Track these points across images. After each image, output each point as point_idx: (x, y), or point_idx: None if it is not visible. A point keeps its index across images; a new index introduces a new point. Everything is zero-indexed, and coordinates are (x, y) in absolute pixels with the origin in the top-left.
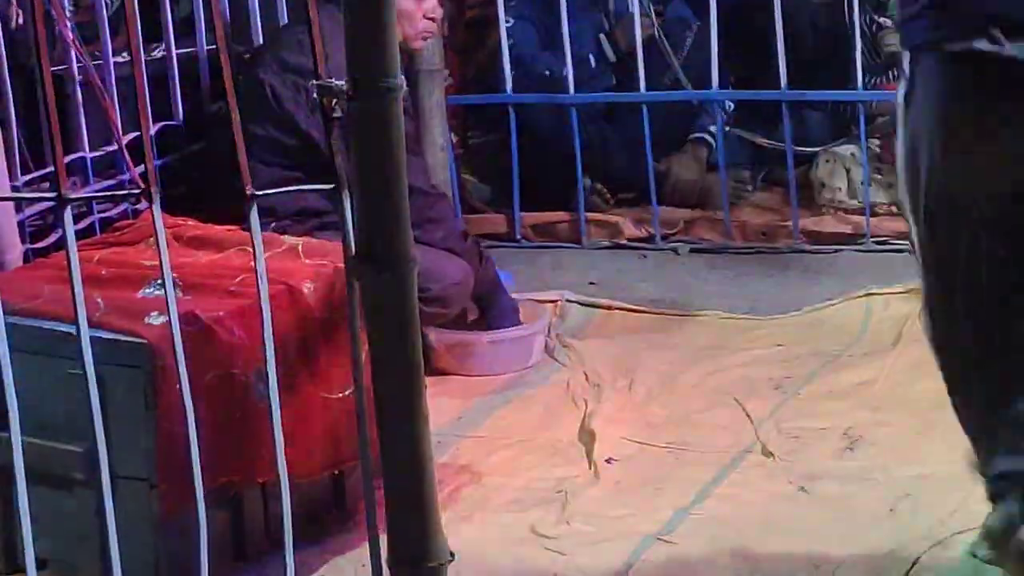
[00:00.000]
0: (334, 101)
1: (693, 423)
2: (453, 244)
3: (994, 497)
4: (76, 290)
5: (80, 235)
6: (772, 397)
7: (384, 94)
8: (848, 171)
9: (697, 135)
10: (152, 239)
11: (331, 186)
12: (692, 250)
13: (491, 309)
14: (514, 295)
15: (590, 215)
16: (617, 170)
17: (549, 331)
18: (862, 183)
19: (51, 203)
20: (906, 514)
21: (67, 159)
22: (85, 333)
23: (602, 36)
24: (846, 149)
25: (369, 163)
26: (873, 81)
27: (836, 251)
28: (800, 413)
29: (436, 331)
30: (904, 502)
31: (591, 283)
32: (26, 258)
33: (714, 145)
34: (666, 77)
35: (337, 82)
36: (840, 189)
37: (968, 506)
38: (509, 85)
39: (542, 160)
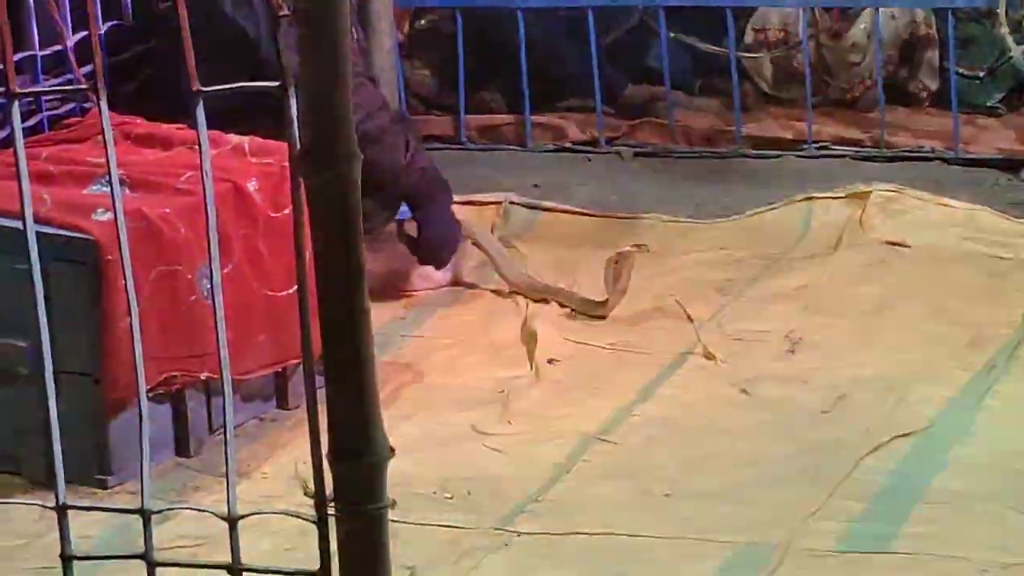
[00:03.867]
0: None
1: (635, 325)
2: (369, 128)
3: None
4: (23, 186)
5: (28, 133)
6: (714, 300)
7: None
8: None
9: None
10: (100, 137)
11: (277, 84)
12: (636, 154)
13: (424, 230)
14: (457, 198)
15: (535, 118)
16: (565, 74)
17: (492, 230)
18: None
19: None
20: (844, 416)
21: (16, 57)
22: (31, 228)
23: None
24: None
25: (315, 59)
26: None
27: (778, 156)
28: (742, 316)
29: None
30: (843, 404)
31: (535, 185)
32: None
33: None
34: None
35: None
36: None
37: (904, 408)
38: None
39: (491, 63)
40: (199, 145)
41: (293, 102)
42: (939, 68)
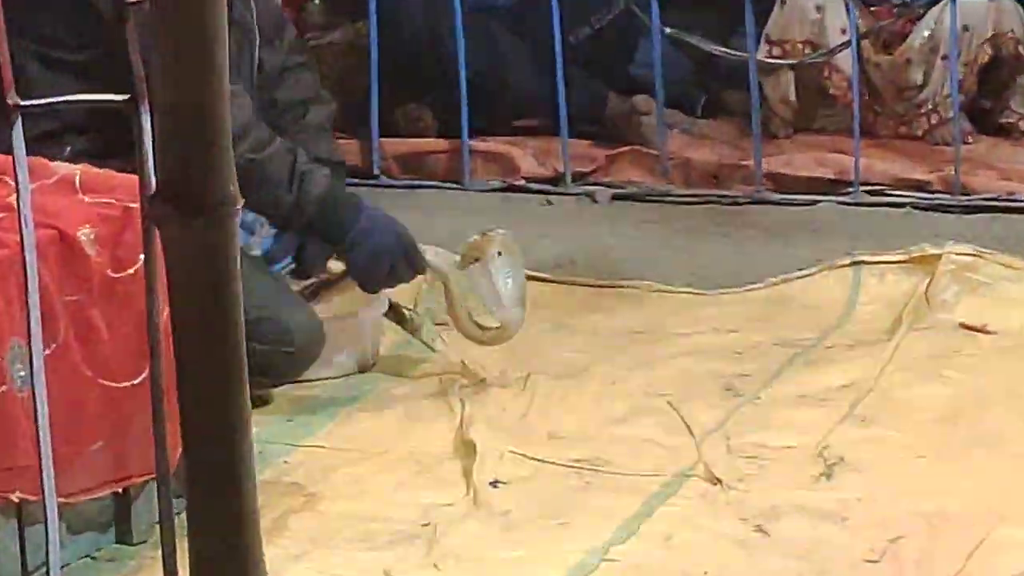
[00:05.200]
0: None
1: (612, 435)
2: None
3: None
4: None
5: None
6: (721, 402)
7: None
8: None
9: None
10: None
11: (126, 97)
12: (615, 196)
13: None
14: None
15: (476, 144)
16: (518, 85)
17: (415, 306)
18: None
19: None
20: (897, 565)
21: None
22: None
23: None
24: None
25: (179, 64)
26: None
27: (813, 203)
28: (759, 425)
29: None
30: (897, 550)
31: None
32: None
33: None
34: None
35: None
36: None
37: (983, 558)
38: None
39: (412, 65)
40: (15, 178)
41: (146, 121)
42: None
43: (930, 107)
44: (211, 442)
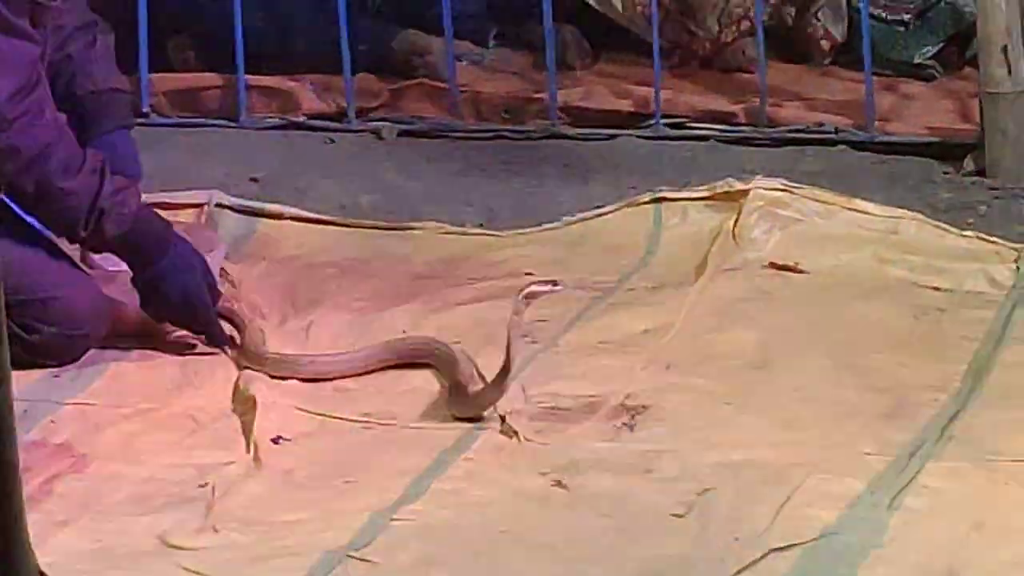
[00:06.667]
0: None
1: (401, 387)
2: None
3: None
4: None
5: None
6: (519, 351)
7: None
8: None
9: None
10: None
11: None
12: (402, 133)
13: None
14: (146, 196)
15: (253, 79)
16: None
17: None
18: None
19: None
20: (705, 519)
21: None
22: None
23: None
24: None
25: None
26: None
27: (611, 137)
28: (557, 373)
29: None
30: (704, 503)
31: (253, 179)
32: None
33: None
34: None
35: None
36: None
37: (791, 510)
38: None
39: None
40: None
41: None
42: (847, 8)
43: (740, 17)
44: None
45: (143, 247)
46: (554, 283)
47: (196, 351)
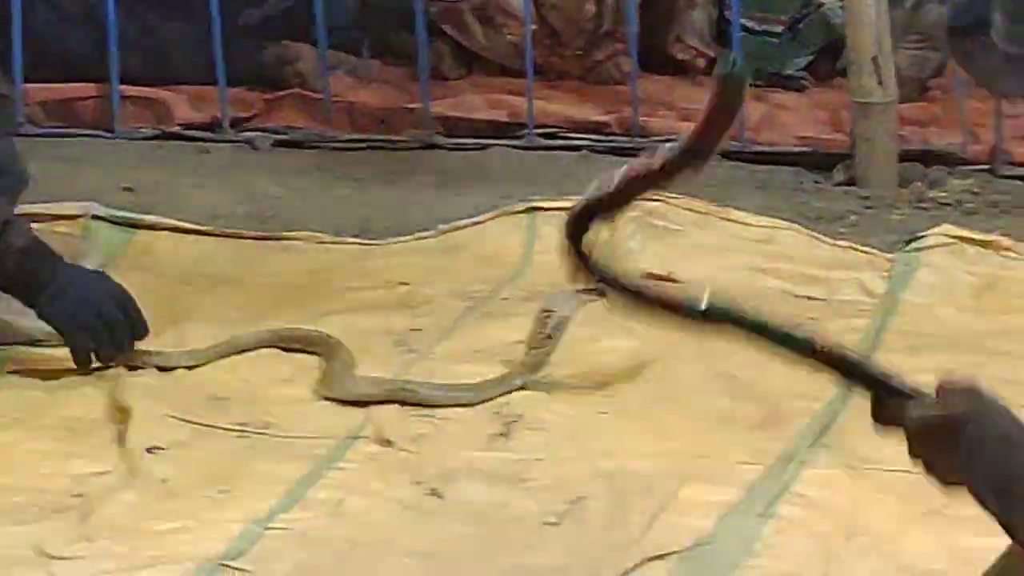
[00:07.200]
0: None
1: (275, 396)
2: None
3: None
4: None
5: None
6: (392, 358)
7: None
8: None
9: None
10: None
11: None
12: (276, 143)
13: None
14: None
15: (127, 90)
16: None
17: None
18: None
19: None
20: (579, 528)
21: None
22: None
23: None
24: None
25: None
26: None
27: (485, 147)
28: (432, 382)
29: None
30: (577, 511)
31: (127, 188)
32: None
33: None
34: None
35: None
36: None
37: (665, 518)
38: None
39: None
40: None
41: None
42: (717, 19)
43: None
44: None
45: (48, 258)
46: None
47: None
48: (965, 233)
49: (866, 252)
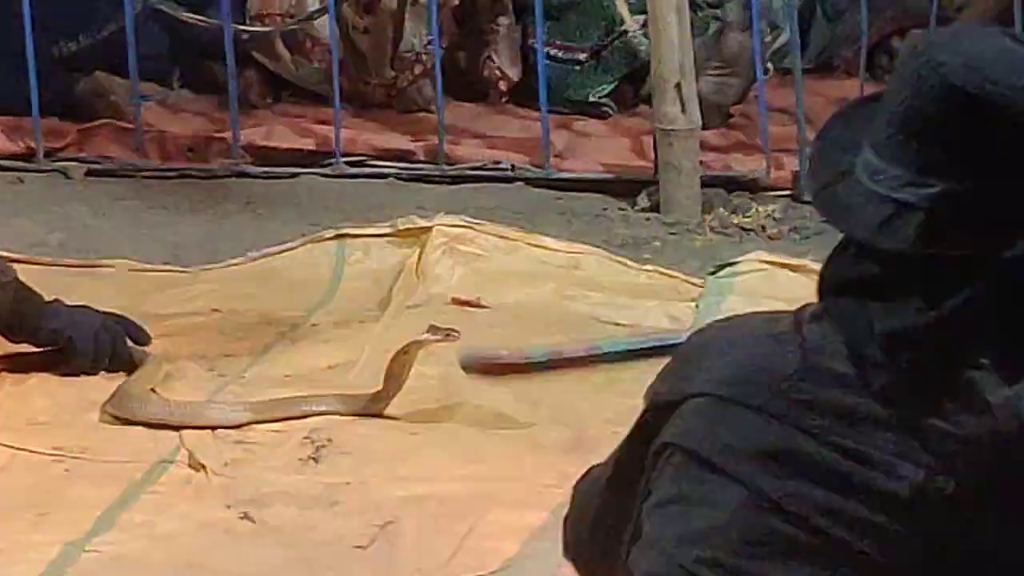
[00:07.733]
0: None
1: (92, 421)
2: None
3: None
4: None
5: None
6: (204, 384)
7: None
8: None
9: None
10: None
11: None
12: (89, 172)
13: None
14: None
15: None
16: None
17: None
18: None
19: None
20: (389, 551)
21: None
22: None
23: None
24: None
25: None
26: None
27: (294, 175)
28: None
29: None
30: (388, 535)
31: None
32: None
33: None
34: None
35: None
36: None
37: (474, 542)
38: None
39: None
40: None
41: None
42: (521, 45)
43: (415, 61)
44: None
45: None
46: (448, 333)
47: None
48: (776, 259)
49: (672, 277)
